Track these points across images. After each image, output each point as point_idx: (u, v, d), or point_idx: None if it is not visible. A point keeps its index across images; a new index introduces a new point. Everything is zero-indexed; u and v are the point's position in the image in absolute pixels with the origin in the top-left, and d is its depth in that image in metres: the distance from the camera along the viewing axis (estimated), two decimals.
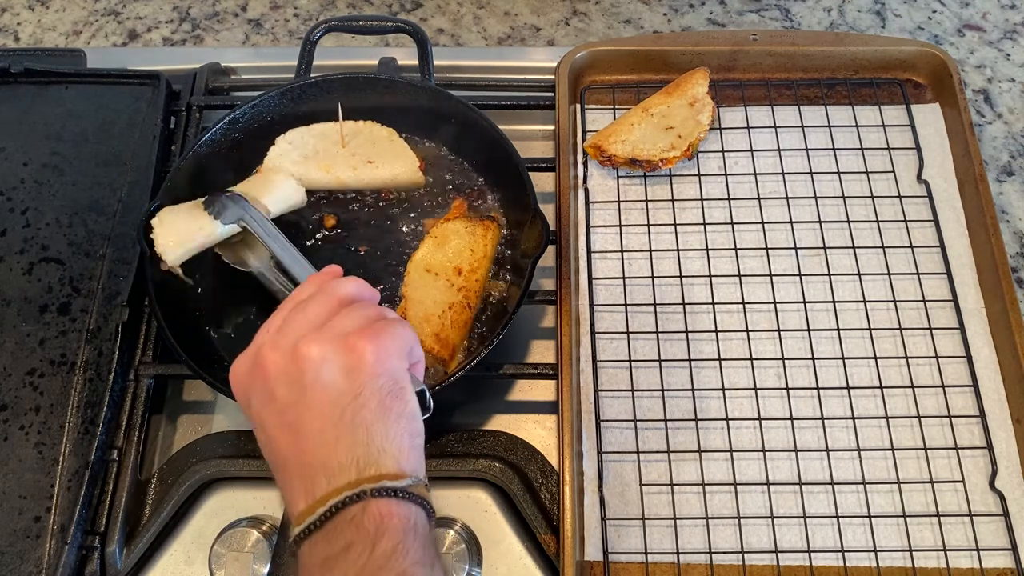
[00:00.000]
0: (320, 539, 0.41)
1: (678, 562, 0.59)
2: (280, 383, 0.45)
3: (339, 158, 0.73)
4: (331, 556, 0.40)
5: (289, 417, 0.44)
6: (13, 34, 0.94)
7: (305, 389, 0.44)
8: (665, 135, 0.74)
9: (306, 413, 0.43)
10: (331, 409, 0.43)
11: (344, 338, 0.45)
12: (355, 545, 0.40)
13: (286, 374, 0.44)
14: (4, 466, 0.61)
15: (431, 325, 0.64)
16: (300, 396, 0.44)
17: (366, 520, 0.40)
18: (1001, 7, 0.93)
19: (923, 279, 0.70)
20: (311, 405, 0.43)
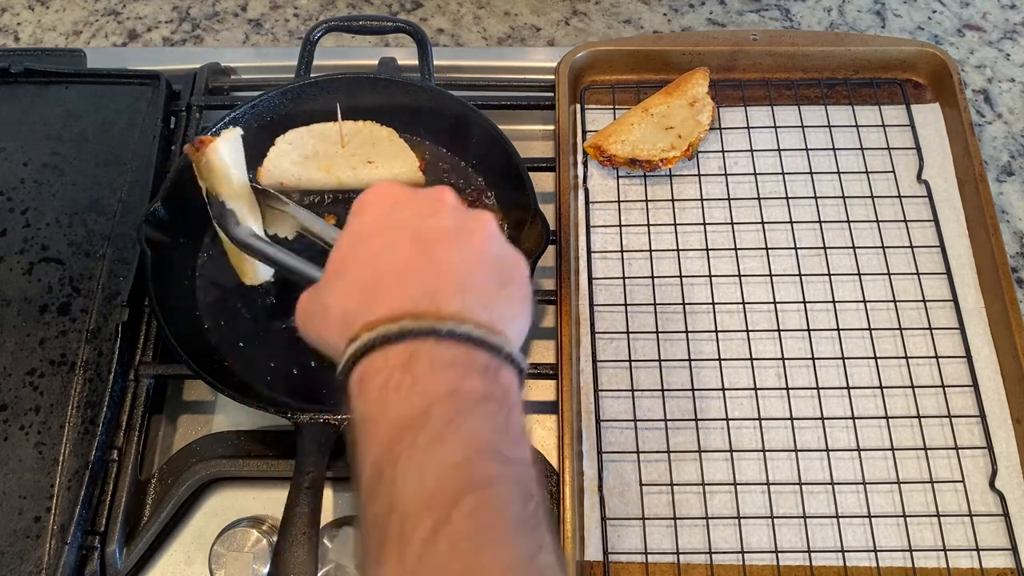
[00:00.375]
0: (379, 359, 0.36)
1: (678, 562, 0.59)
2: (423, 202, 0.42)
3: (339, 158, 0.73)
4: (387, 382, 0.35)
5: (425, 232, 0.41)
6: (13, 34, 0.94)
7: (441, 217, 0.41)
8: (665, 135, 0.74)
9: (440, 238, 0.40)
10: (456, 248, 0.40)
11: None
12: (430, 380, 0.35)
13: (426, 200, 0.43)
14: (4, 466, 0.61)
15: None
16: (436, 218, 0.41)
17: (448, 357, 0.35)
18: (1001, 7, 0.93)
19: (923, 279, 0.70)
20: (444, 236, 0.40)
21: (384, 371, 0.35)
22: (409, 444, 0.33)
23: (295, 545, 0.53)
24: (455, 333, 0.36)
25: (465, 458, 0.32)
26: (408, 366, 0.35)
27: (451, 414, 0.33)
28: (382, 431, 0.34)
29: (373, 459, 0.34)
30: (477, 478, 0.32)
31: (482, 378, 0.36)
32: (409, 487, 0.32)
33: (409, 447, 0.33)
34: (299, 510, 0.54)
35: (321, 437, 0.58)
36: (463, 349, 0.36)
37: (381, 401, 0.35)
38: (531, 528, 0.32)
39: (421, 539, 0.30)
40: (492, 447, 0.33)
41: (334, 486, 0.63)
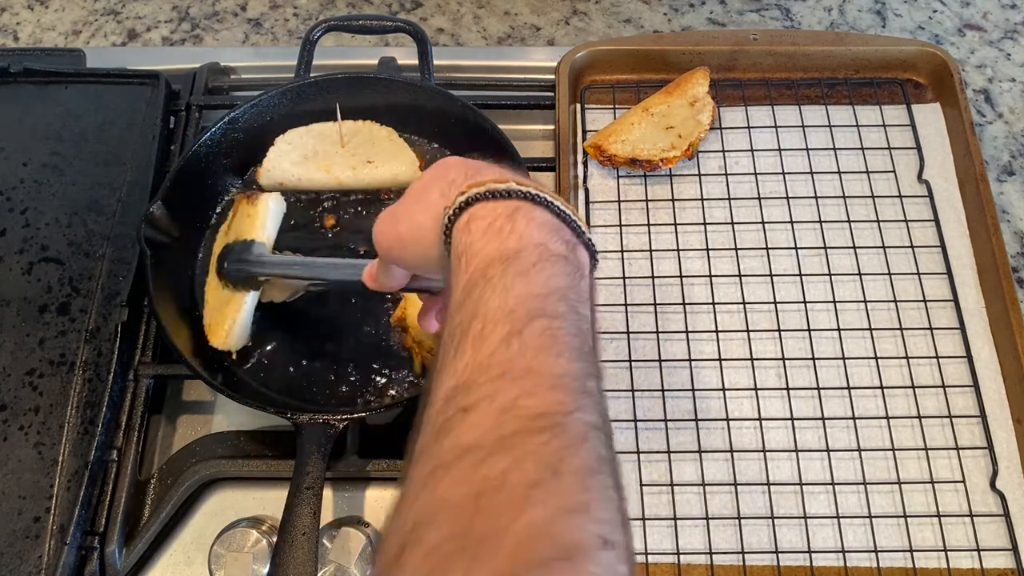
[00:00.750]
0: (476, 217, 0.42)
1: (678, 562, 0.59)
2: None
3: (338, 158, 0.73)
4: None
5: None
6: (12, 34, 0.94)
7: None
8: (665, 135, 0.74)
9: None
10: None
11: None
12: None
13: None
14: (3, 466, 0.61)
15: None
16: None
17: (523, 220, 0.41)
18: (1002, 7, 0.93)
19: (924, 279, 0.69)
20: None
21: (490, 216, 0.41)
22: (500, 271, 0.39)
23: (295, 545, 0.53)
24: (551, 204, 0.42)
25: (543, 293, 0.38)
26: (510, 216, 0.41)
27: (537, 259, 0.39)
28: (479, 260, 0.40)
29: (468, 278, 0.39)
30: (550, 310, 0.37)
31: (565, 245, 0.41)
32: (494, 302, 0.37)
33: (500, 273, 0.39)
34: (299, 510, 0.54)
35: (321, 437, 0.58)
36: (555, 219, 0.42)
37: (483, 238, 0.41)
38: (585, 358, 0.37)
39: (497, 340, 0.36)
40: (564, 294, 0.39)
41: (334, 486, 0.63)
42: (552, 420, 0.33)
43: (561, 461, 0.31)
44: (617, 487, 0.33)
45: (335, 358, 0.66)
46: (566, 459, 0.31)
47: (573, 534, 0.29)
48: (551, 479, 0.31)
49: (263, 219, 0.67)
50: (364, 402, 0.65)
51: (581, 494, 0.31)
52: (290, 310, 0.69)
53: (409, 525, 0.31)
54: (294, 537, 0.53)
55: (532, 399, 0.33)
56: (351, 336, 0.68)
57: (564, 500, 0.30)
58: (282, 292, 0.66)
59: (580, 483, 0.31)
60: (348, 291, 0.69)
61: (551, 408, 0.33)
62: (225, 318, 0.64)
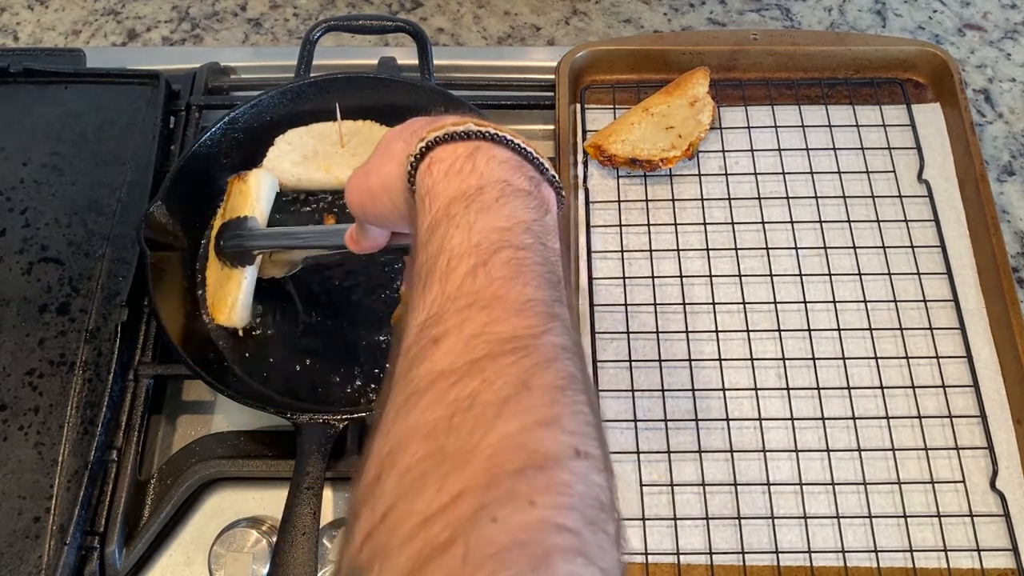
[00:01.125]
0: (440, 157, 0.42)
1: (678, 562, 0.59)
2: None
3: (338, 158, 0.73)
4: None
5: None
6: (12, 34, 0.94)
7: None
8: (665, 135, 0.74)
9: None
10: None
11: None
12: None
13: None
14: (3, 466, 0.61)
15: None
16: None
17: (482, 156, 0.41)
18: (1002, 7, 0.93)
19: (924, 279, 0.69)
20: None
21: (450, 158, 0.42)
22: (463, 207, 0.39)
23: (295, 545, 0.53)
24: (511, 142, 0.42)
25: (507, 226, 0.38)
26: (471, 156, 0.41)
27: (500, 194, 0.40)
28: (441, 199, 0.40)
29: (431, 219, 0.40)
30: (515, 241, 0.38)
31: (528, 182, 0.42)
32: (458, 237, 0.38)
33: (463, 209, 0.39)
34: (299, 510, 0.54)
35: (321, 437, 0.58)
36: (516, 157, 0.42)
37: (444, 179, 0.41)
38: (551, 285, 0.37)
39: (463, 272, 0.36)
40: (529, 226, 0.39)
41: (334, 486, 0.63)
42: (522, 343, 0.33)
43: (532, 377, 0.32)
44: (590, 404, 0.33)
45: (335, 358, 0.66)
46: (536, 375, 0.32)
47: (545, 444, 0.30)
48: (522, 393, 0.31)
49: (256, 195, 0.69)
50: (364, 402, 0.65)
51: (552, 407, 0.31)
52: (290, 311, 0.69)
53: (385, 451, 0.31)
54: (294, 537, 0.53)
55: (501, 325, 0.34)
56: (351, 336, 0.68)
57: (535, 414, 0.31)
58: (280, 268, 0.68)
59: (550, 397, 0.32)
60: (343, 259, 0.70)
61: (520, 332, 0.34)
62: (227, 295, 0.66)
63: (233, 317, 0.66)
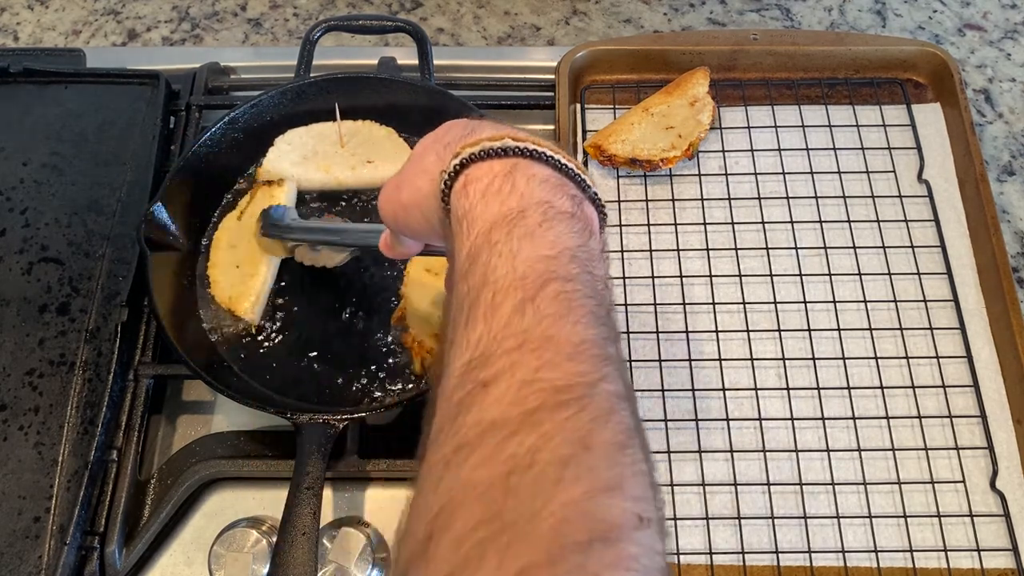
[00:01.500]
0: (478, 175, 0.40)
1: (678, 562, 0.59)
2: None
3: (338, 158, 0.73)
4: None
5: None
6: (12, 34, 0.94)
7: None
8: (665, 135, 0.74)
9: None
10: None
11: None
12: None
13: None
14: (3, 466, 0.61)
15: (431, 325, 0.64)
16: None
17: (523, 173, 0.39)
18: (1002, 7, 0.93)
19: (924, 279, 0.69)
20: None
21: (487, 176, 0.39)
22: (505, 234, 0.37)
23: (295, 545, 0.53)
24: (551, 158, 0.40)
25: (552, 254, 0.36)
26: (509, 175, 0.39)
27: (542, 218, 0.38)
28: (480, 224, 0.38)
29: (471, 245, 0.38)
30: (562, 272, 0.36)
31: (571, 201, 0.40)
32: (502, 267, 0.36)
33: (505, 236, 0.37)
34: (299, 510, 0.54)
35: (321, 437, 0.58)
36: (556, 175, 0.40)
37: (483, 200, 0.39)
38: (602, 322, 0.35)
39: (510, 308, 0.34)
40: (574, 252, 0.37)
41: (334, 486, 0.63)
42: (577, 392, 0.31)
43: (590, 435, 0.30)
44: (647, 459, 0.32)
45: (335, 358, 0.66)
46: (595, 432, 0.30)
47: (610, 512, 0.29)
48: (582, 454, 0.30)
49: (286, 202, 0.71)
50: (364, 402, 0.65)
51: (613, 469, 0.30)
52: (291, 311, 0.69)
53: (435, 510, 0.29)
54: (294, 537, 0.53)
55: (554, 371, 0.32)
56: (351, 336, 0.68)
57: (597, 478, 0.29)
58: (331, 259, 0.68)
59: (611, 458, 0.30)
60: (374, 255, 0.70)
61: (574, 379, 0.32)
62: (252, 288, 0.67)
63: (256, 310, 0.67)
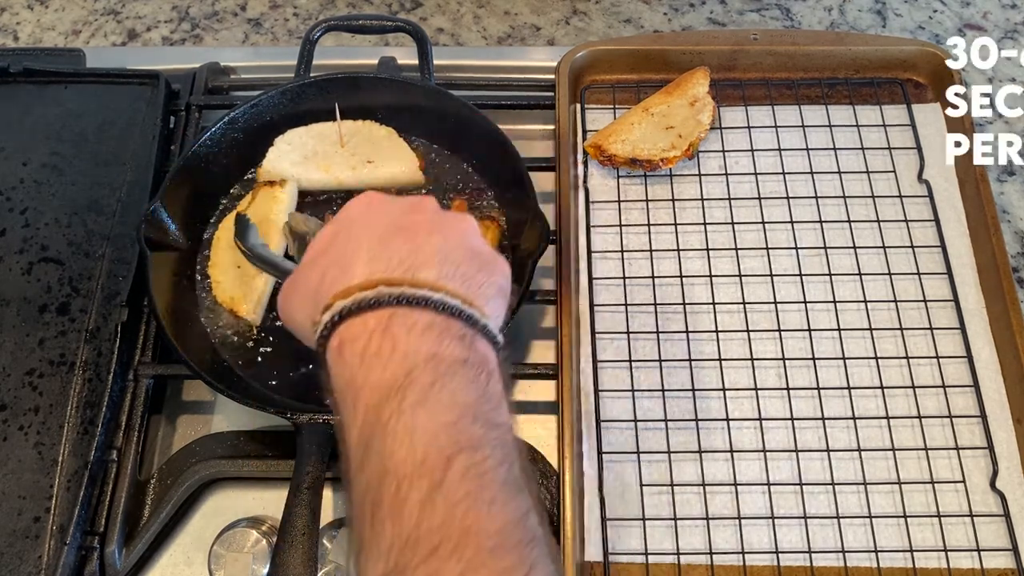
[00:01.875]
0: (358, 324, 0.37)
1: (678, 562, 0.59)
2: (407, 201, 0.44)
3: (338, 158, 0.73)
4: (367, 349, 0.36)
5: (406, 221, 0.42)
6: (12, 34, 0.94)
7: (423, 213, 0.43)
8: (665, 135, 0.74)
9: (420, 226, 0.41)
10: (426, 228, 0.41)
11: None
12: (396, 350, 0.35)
13: (409, 200, 0.45)
14: (3, 466, 0.61)
15: None
16: (418, 214, 0.43)
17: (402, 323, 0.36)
18: (1002, 7, 0.93)
19: (924, 279, 0.69)
20: (424, 225, 0.42)
21: (363, 336, 0.36)
22: (396, 408, 0.33)
23: (295, 545, 0.53)
24: (430, 300, 0.37)
25: (452, 420, 0.33)
26: (387, 331, 0.36)
27: (433, 377, 0.34)
28: (366, 397, 0.35)
29: (360, 426, 0.34)
30: (465, 440, 0.33)
31: (459, 344, 0.36)
32: (401, 451, 0.32)
33: (396, 411, 0.33)
34: (299, 510, 0.54)
35: (321, 437, 0.58)
36: (440, 317, 0.37)
37: (363, 366, 0.35)
38: (518, 489, 0.33)
39: (417, 501, 0.31)
40: (475, 410, 0.34)
41: (334, 486, 0.63)
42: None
43: None
44: None
45: None
46: None
47: None
48: None
49: (288, 206, 0.71)
50: None
51: None
52: None
53: None
54: (294, 537, 0.53)
55: (479, 573, 0.29)
56: None
57: None
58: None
59: None
60: None
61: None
62: (256, 289, 0.67)
63: (258, 311, 0.67)
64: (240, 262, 0.68)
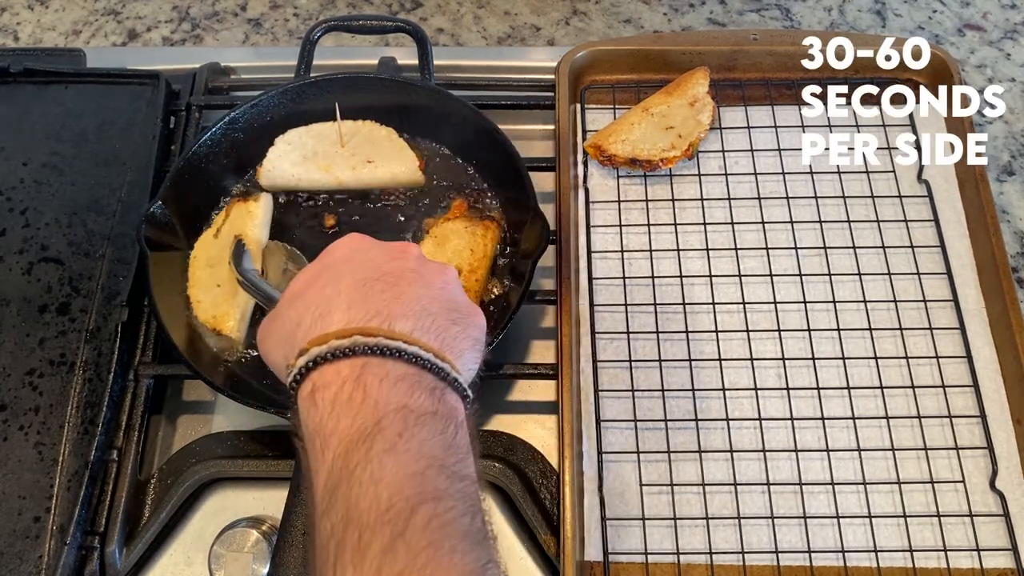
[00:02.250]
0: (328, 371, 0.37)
1: (678, 562, 0.59)
2: (390, 248, 0.45)
3: (338, 158, 0.73)
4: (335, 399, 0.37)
5: (387, 268, 0.42)
6: (13, 34, 0.94)
7: (406, 261, 0.43)
8: (665, 135, 0.74)
9: (401, 275, 0.42)
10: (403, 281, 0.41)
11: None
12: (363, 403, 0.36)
13: (393, 247, 0.45)
14: (4, 466, 0.61)
15: None
16: (401, 261, 0.43)
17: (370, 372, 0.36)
18: (1001, 7, 0.93)
19: (923, 279, 0.69)
20: (405, 274, 0.42)
21: (336, 383, 0.37)
22: (363, 456, 0.34)
23: (295, 545, 0.53)
24: (404, 352, 0.37)
25: (418, 471, 0.34)
26: (359, 379, 0.36)
27: (402, 427, 0.35)
28: (335, 443, 0.35)
29: (328, 471, 0.35)
30: (430, 491, 0.33)
31: (430, 396, 0.37)
32: (365, 499, 0.33)
33: (364, 459, 0.34)
34: (299, 510, 0.54)
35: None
36: (412, 369, 0.38)
37: (333, 413, 0.36)
38: (480, 541, 0.33)
39: (379, 549, 0.31)
40: (441, 461, 0.35)
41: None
42: None
43: None
44: None
45: None
46: None
47: None
48: None
49: (262, 219, 0.69)
50: None
51: None
52: None
53: None
54: (294, 537, 0.53)
55: None
56: None
57: None
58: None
59: None
60: None
61: None
62: (234, 308, 0.65)
63: (242, 328, 0.66)
64: (220, 280, 0.67)
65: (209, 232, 0.70)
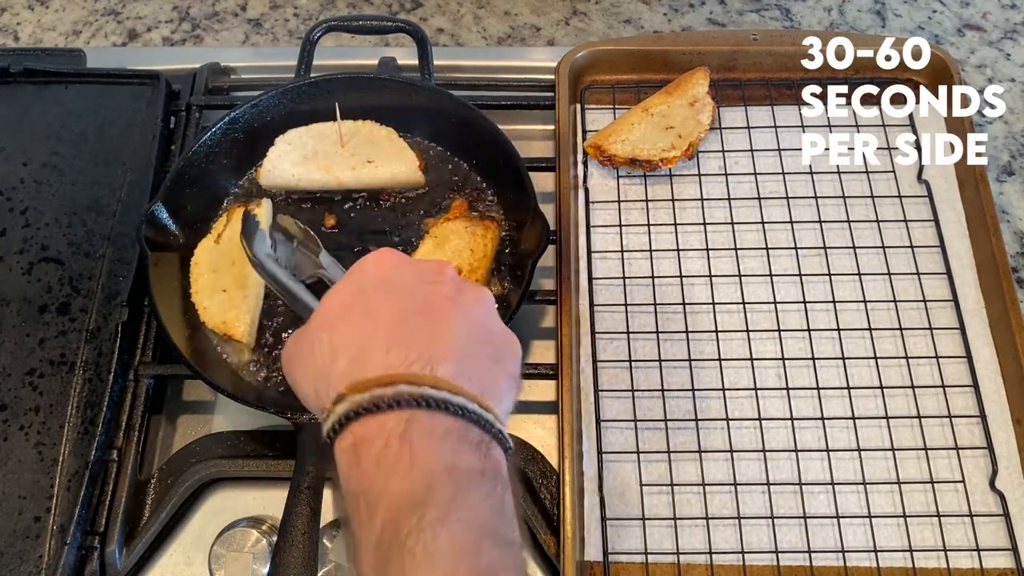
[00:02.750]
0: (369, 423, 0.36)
1: (678, 562, 0.59)
2: (425, 268, 0.43)
3: (338, 158, 0.73)
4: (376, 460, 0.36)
5: (425, 294, 0.41)
6: (13, 34, 0.94)
7: (442, 285, 0.42)
8: (665, 135, 0.74)
9: (439, 303, 0.40)
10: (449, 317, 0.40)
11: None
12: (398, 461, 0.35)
13: (427, 266, 0.44)
14: (4, 466, 0.61)
15: None
16: (437, 285, 0.42)
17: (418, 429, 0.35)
18: (1001, 7, 0.93)
19: (923, 279, 0.69)
20: (443, 302, 0.41)
21: (380, 438, 0.35)
22: (415, 526, 0.33)
23: (295, 545, 0.53)
24: (449, 404, 0.36)
25: (471, 543, 0.33)
26: (405, 436, 0.35)
27: (453, 492, 0.34)
28: (383, 509, 0.34)
29: (377, 539, 0.34)
30: (484, 566, 0.33)
31: (476, 453, 0.36)
32: (421, 574, 0.32)
33: (416, 529, 0.33)
34: (299, 510, 0.54)
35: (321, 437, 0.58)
36: (458, 423, 0.36)
37: (380, 474, 0.35)
38: None
39: None
40: (493, 528, 0.34)
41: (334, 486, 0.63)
42: None
43: None
44: None
45: None
46: None
47: None
48: None
49: (263, 221, 0.68)
50: None
51: None
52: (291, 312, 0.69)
53: None
54: (294, 537, 0.53)
55: None
56: None
57: None
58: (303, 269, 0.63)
59: None
60: None
61: None
62: (244, 313, 0.65)
63: (252, 331, 0.66)
64: (225, 286, 0.67)
65: (210, 238, 0.70)
